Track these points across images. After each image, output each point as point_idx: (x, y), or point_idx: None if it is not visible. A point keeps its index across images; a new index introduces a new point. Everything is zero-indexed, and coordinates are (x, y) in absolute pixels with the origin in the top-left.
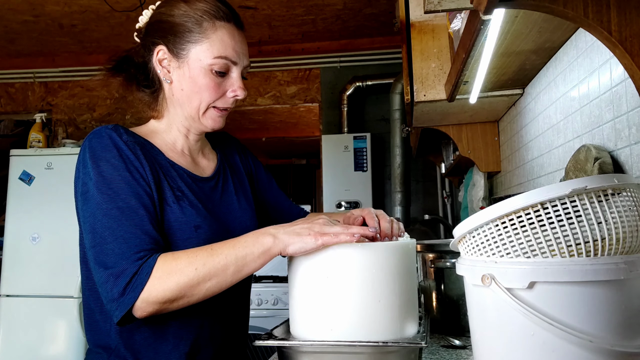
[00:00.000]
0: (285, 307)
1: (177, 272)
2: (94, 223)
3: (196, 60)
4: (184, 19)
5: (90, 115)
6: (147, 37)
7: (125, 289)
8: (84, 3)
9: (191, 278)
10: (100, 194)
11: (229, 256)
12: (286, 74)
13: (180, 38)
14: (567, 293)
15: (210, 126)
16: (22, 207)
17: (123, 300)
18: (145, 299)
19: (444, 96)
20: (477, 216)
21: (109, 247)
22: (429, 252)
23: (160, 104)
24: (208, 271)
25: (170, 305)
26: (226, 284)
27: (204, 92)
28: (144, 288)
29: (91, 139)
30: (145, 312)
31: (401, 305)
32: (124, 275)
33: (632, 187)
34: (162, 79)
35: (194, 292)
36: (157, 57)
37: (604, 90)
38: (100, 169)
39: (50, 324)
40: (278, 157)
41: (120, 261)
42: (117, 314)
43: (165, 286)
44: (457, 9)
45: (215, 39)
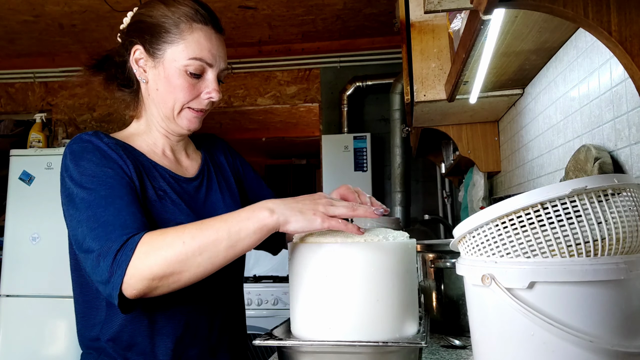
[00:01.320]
0: (285, 307)
1: (164, 246)
2: (79, 218)
3: (171, 61)
4: (162, 19)
5: (90, 115)
6: (126, 37)
7: (112, 267)
8: (84, 3)
9: (179, 252)
10: (83, 190)
11: (220, 230)
12: (286, 74)
13: (156, 38)
14: (567, 293)
15: (186, 126)
16: (22, 207)
17: (113, 280)
18: (132, 275)
19: (444, 96)
20: (477, 216)
21: (94, 233)
22: (429, 252)
23: (139, 104)
24: (198, 245)
25: (160, 282)
26: (219, 261)
27: (178, 92)
28: (130, 264)
29: (71, 145)
30: (135, 289)
31: (400, 305)
32: (109, 253)
33: (632, 187)
34: (138, 78)
35: (184, 267)
36: (133, 56)
37: (604, 90)
38: (82, 167)
39: (50, 324)
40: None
41: (106, 242)
42: (113, 294)
43: (152, 261)
44: (457, 9)
45: (191, 41)
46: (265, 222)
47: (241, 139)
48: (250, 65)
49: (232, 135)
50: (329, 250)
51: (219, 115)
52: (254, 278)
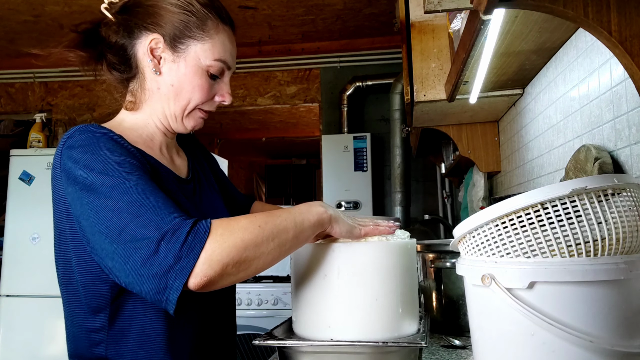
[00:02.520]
0: (285, 307)
1: (240, 228)
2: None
3: (195, 58)
4: (187, 11)
5: (90, 115)
6: (132, 19)
7: (182, 250)
8: (84, 3)
9: (257, 235)
10: (112, 177)
11: (288, 219)
12: (286, 74)
13: (181, 31)
14: (567, 293)
15: (191, 127)
16: (22, 207)
17: (181, 265)
18: (208, 259)
19: (444, 96)
20: (477, 216)
21: (143, 220)
22: (429, 252)
23: (135, 94)
24: (271, 230)
25: (233, 268)
26: (285, 250)
27: (196, 92)
28: (205, 246)
29: (77, 136)
30: (207, 277)
31: (400, 305)
32: (178, 235)
33: (632, 187)
34: (146, 68)
35: (257, 253)
36: (149, 45)
37: (604, 90)
38: (104, 157)
39: (50, 324)
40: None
41: (165, 224)
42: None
43: (230, 242)
44: (457, 9)
45: (217, 41)
46: (323, 217)
47: (241, 139)
48: (250, 65)
49: (232, 135)
50: (329, 250)
51: (219, 115)
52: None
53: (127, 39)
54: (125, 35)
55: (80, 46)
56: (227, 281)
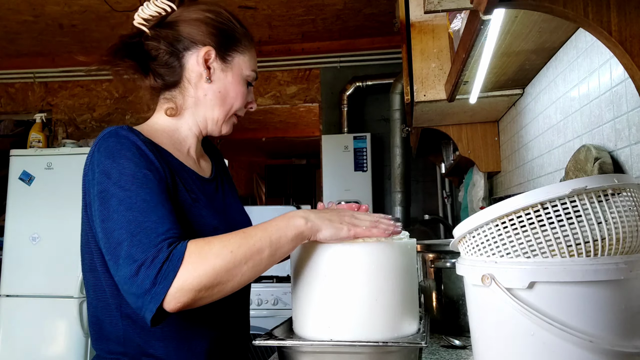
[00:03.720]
0: (285, 307)
1: (212, 255)
2: (117, 220)
3: (239, 68)
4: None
5: (90, 115)
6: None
7: (157, 277)
8: (84, 3)
9: (228, 261)
10: (123, 190)
11: (263, 239)
12: (286, 74)
13: (229, 44)
14: (567, 293)
15: (225, 131)
16: (22, 207)
17: (155, 291)
18: (180, 287)
19: (444, 96)
20: (477, 216)
21: (136, 240)
22: (429, 252)
23: (176, 100)
24: (244, 254)
25: (206, 293)
26: (261, 269)
27: (239, 98)
28: (177, 274)
29: (107, 139)
30: (180, 302)
31: (400, 305)
32: (155, 262)
33: (632, 187)
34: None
35: (230, 277)
36: (203, 56)
37: (604, 90)
38: (122, 166)
39: (50, 324)
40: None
41: (150, 249)
42: (150, 307)
43: (200, 271)
44: (457, 9)
45: (252, 55)
46: (301, 230)
47: (241, 139)
48: None
49: (232, 135)
50: (328, 250)
51: None
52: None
53: (175, 50)
54: (172, 48)
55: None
56: (202, 302)
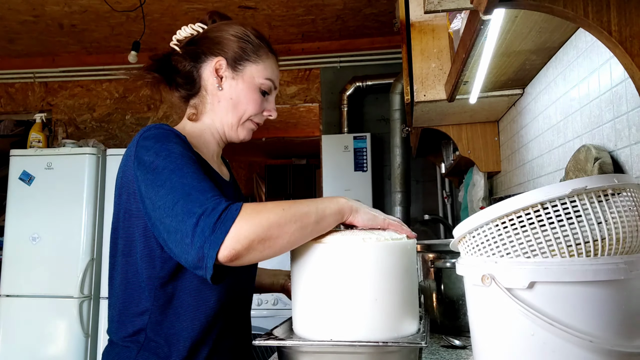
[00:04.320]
0: (285, 307)
1: (266, 210)
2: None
3: (250, 77)
4: (247, 40)
5: (90, 115)
6: (200, 48)
7: (216, 224)
8: (84, 3)
9: (280, 216)
10: (174, 163)
11: (310, 206)
12: (286, 74)
13: (240, 55)
14: (567, 293)
15: (243, 136)
16: (22, 207)
17: (215, 236)
18: (236, 233)
19: (444, 96)
20: (477, 216)
21: (193, 197)
22: (429, 252)
23: (197, 107)
24: (294, 213)
25: (258, 245)
26: (307, 233)
27: (250, 104)
28: (234, 223)
29: (151, 130)
30: (234, 249)
31: (400, 305)
32: (214, 212)
33: (632, 187)
34: (210, 85)
35: (280, 233)
36: (214, 66)
37: (604, 90)
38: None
39: (50, 324)
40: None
41: (207, 202)
42: (211, 253)
43: (256, 221)
44: (457, 9)
45: (267, 64)
46: (344, 207)
47: None
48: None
49: None
50: (328, 251)
51: None
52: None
53: (194, 63)
54: (193, 61)
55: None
56: (253, 256)
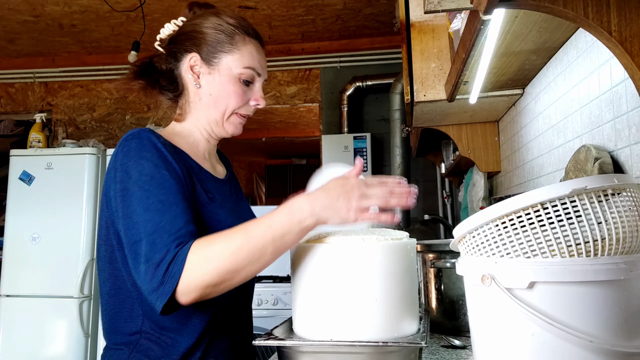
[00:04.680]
0: (285, 307)
1: (213, 257)
2: (135, 219)
3: (227, 69)
4: (218, 30)
5: (90, 115)
6: (176, 46)
7: (164, 278)
8: (84, 3)
9: (230, 262)
10: (142, 190)
11: (266, 237)
12: (286, 74)
13: (213, 47)
14: (567, 293)
15: (231, 131)
16: (22, 207)
17: (163, 290)
18: (185, 286)
19: (444, 96)
20: (477, 216)
21: (151, 239)
22: (429, 252)
23: (182, 107)
24: (246, 255)
25: (213, 289)
26: (266, 264)
27: (231, 97)
28: (182, 275)
29: (129, 140)
30: (190, 297)
31: (400, 305)
32: (162, 264)
33: (632, 187)
34: (189, 84)
35: (234, 275)
36: (189, 63)
37: (604, 90)
38: (142, 167)
39: (50, 324)
40: (278, 157)
41: (160, 250)
42: (158, 304)
43: (204, 270)
44: (457, 9)
45: (245, 52)
46: (306, 224)
47: (241, 139)
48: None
49: None
50: (328, 251)
51: None
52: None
53: (173, 63)
54: (172, 61)
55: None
56: (209, 297)
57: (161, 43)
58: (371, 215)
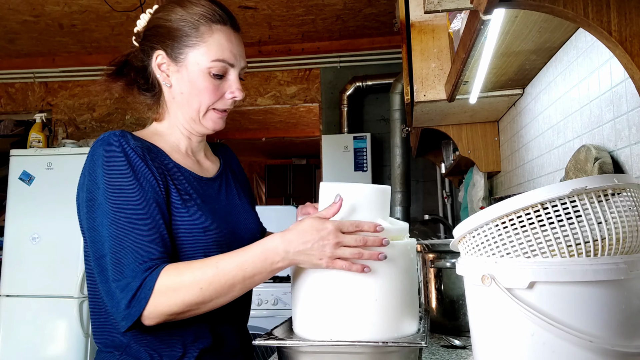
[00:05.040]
0: (285, 307)
1: (181, 289)
2: (101, 232)
3: (194, 64)
4: (181, 23)
5: (90, 115)
6: (145, 42)
7: (131, 303)
8: (84, 3)
9: (197, 296)
10: (108, 202)
11: (236, 276)
12: (286, 74)
13: (178, 43)
14: (567, 293)
15: (211, 127)
16: (22, 207)
17: (129, 313)
18: (151, 312)
19: (444, 96)
20: (477, 216)
21: (115, 258)
22: (429, 252)
23: (161, 106)
24: (214, 290)
25: (177, 317)
26: (233, 298)
27: (203, 95)
28: (149, 302)
29: (99, 147)
30: (154, 321)
31: (400, 305)
32: (129, 288)
33: (632, 187)
34: (161, 83)
35: (200, 307)
36: (156, 61)
37: (604, 90)
38: (109, 177)
39: (50, 324)
40: (278, 157)
41: (127, 273)
42: (123, 324)
43: (170, 302)
44: (457, 9)
45: (212, 43)
46: (278, 266)
47: (241, 139)
48: (250, 65)
49: (232, 135)
50: None
51: None
52: None
53: (146, 60)
54: (144, 58)
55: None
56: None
57: (137, 37)
58: (343, 264)
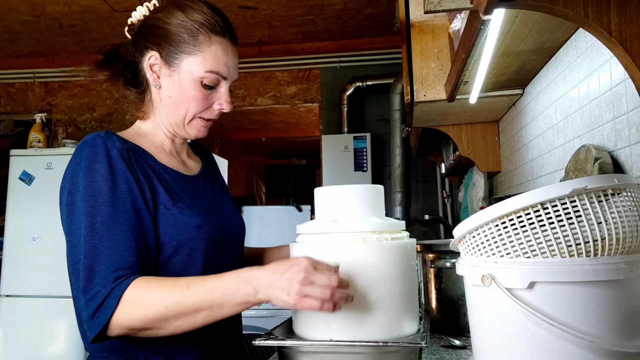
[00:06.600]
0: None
1: (146, 304)
2: (78, 236)
3: (187, 72)
4: (181, 29)
5: (90, 115)
6: (140, 39)
7: (96, 312)
8: (84, 3)
9: (161, 314)
10: (86, 206)
11: (204, 301)
12: (286, 74)
13: (174, 47)
14: (567, 293)
15: (194, 135)
16: (22, 207)
17: (93, 322)
18: (114, 323)
19: (444, 96)
20: (477, 216)
21: (87, 264)
22: (429, 252)
23: (146, 105)
24: (179, 312)
25: (138, 333)
26: (197, 326)
27: (191, 102)
28: (113, 313)
29: (83, 149)
30: (116, 334)
31: (400, 305)
32: (96, 298)
33: (632, 187)
34: (151, 83)
35: (162, 326)
36: (148, 61)
37: (604, 90)
38: (89, 180)
39: (50, 324)
40: (278, 157)
41: (97, 281)
42: (89, 334)
43: (133, 316)
44: (457, 9)
45: (209, 54)
46: (249, 300)
47: (241, 139)
48: (250, 66)
49: (232, 135)
50: (328, 250)
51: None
52: None
53: (137, 56)
54: (136, 53)
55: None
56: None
57: (130, 29)
58: (312, 303)
